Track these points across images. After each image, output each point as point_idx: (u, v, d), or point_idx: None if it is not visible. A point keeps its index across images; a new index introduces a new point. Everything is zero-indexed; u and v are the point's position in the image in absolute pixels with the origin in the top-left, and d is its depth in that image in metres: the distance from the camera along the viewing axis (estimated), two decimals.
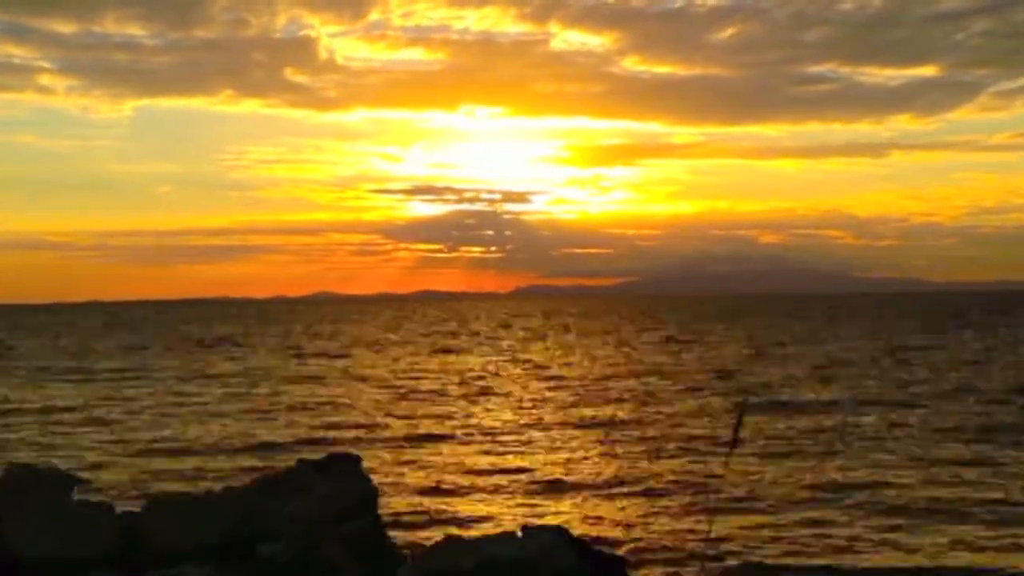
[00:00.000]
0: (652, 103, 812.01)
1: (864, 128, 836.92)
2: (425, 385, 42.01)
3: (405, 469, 21.98)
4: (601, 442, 25.84)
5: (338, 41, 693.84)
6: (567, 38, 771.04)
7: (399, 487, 19.85)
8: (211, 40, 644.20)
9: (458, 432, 27.90)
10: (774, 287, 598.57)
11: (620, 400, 35.24)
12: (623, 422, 29.58)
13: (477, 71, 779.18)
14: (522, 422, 30.19)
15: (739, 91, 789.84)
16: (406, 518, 17.19)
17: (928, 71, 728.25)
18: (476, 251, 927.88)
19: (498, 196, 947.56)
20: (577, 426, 28.96)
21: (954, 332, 78.07)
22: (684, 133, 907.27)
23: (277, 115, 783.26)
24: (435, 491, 19.63)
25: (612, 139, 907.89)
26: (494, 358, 58.15)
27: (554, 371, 48.63)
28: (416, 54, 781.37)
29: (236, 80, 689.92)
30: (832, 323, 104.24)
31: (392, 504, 17.79)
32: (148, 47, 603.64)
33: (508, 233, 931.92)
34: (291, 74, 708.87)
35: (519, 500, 19.02)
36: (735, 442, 7.71)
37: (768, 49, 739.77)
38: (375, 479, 12.91)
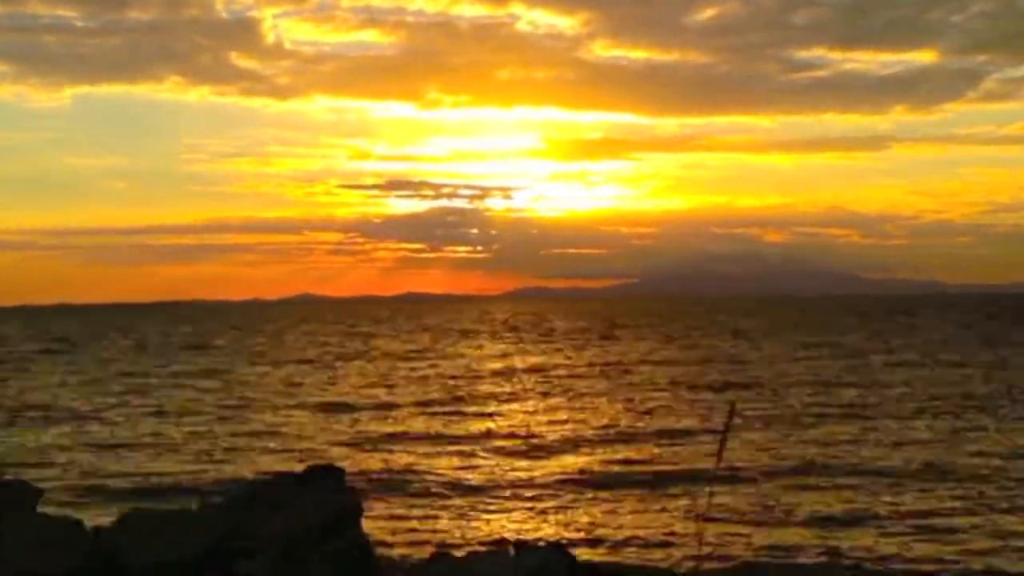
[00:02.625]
0: (629, 92, 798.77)
1: (859, 119, 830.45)
2: (412, 396, 42.01)
3: (391, 482, 21.97)
4: (593, 446, 26.15)
5: (284, 23, 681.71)
6: (532, 20, 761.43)
7: (385, 501, 19.85)
8: (148, 22, 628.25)
9: (447, 443, 27.93)
10: (781, 288, 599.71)
11: (611, 403, 35.51)
12: (615, 426, 29.91)
13: (438, 57, 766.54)
14: (513, 431, 30.25)
15: (721, 79, 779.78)
16: (392, 534, 17.20)
17: (925, 56, 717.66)
18: (461, 251, 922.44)
19: (477, 192, 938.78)
20: (568, 431, 29.15)
21: None
22: (667, 124, 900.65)
23: (230, 104, 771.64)
24: (423, 505, 19.64)
25: (592, 132, 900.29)
26: None
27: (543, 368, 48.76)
28: (369, 37, 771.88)
29: (181, 66, 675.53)
30: None
31: (378, 519, 17.79)
32: (80, 29, 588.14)
33: (494, 232, 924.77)
34: (237, 59, 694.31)
35: (510, 513, 19.09)
36: (724, 443, 7.82)
37: (750, 32, 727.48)
38: (359, 492, 12.93)
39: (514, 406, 36.79)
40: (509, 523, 18.10)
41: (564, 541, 14.45)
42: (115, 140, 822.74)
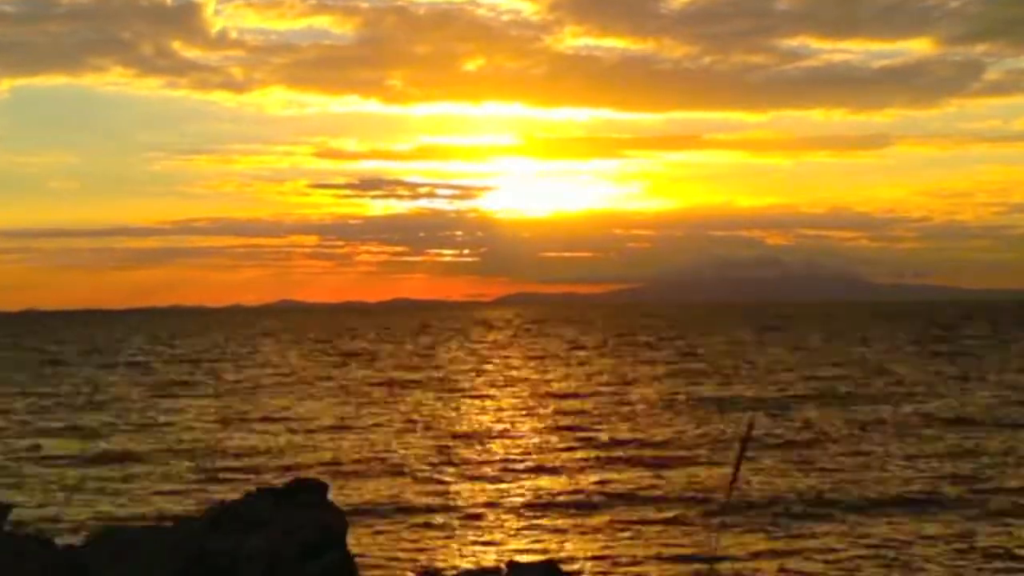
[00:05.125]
0: (606, 85, 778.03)
1: (855, 115, 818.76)
2: (401, 405, 41.98)
3: (378, 497, 21.95)
4: (597, 459, 26.12)
5: (228, 8, 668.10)
6: (493, 5, 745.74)
7: (371, 518, 19.83)
8: (81, 7, 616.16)
9: (437, 454, 27.90)
10: (792, 295, 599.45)
11: (617, 414, 35.55)
12: (620, 438, 29.87)
13: (398, 47, 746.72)
14: (508, 440, 30.30)
15: (703, 72, 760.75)
16: (379, 553, 17.19)
17: (920, 46, 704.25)
18: (447, 255, 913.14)
19: (457, 192, 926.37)
20: (570, 442, 29.14)
21: None
22: (649, 120, 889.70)
23: (183, 97, 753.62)
24: (411, 521, 19.62)
25: (572, 128, 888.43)
26: None
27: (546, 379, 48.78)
28: (320, 25, 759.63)
29: (124, 55, 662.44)
30: None
31: (364, 537, 17.78)
32: (9, 15, 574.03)
33: (480, 234, 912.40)
34: (182, 48, 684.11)
35: (505, 527, 19.09)
36: (741, 458, 7.82)
37: (730, 20, 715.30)
38: (344, 508, 12.93)
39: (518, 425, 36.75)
40: (502, 545, 18.05)
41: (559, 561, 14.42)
42: (63, 136, 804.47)
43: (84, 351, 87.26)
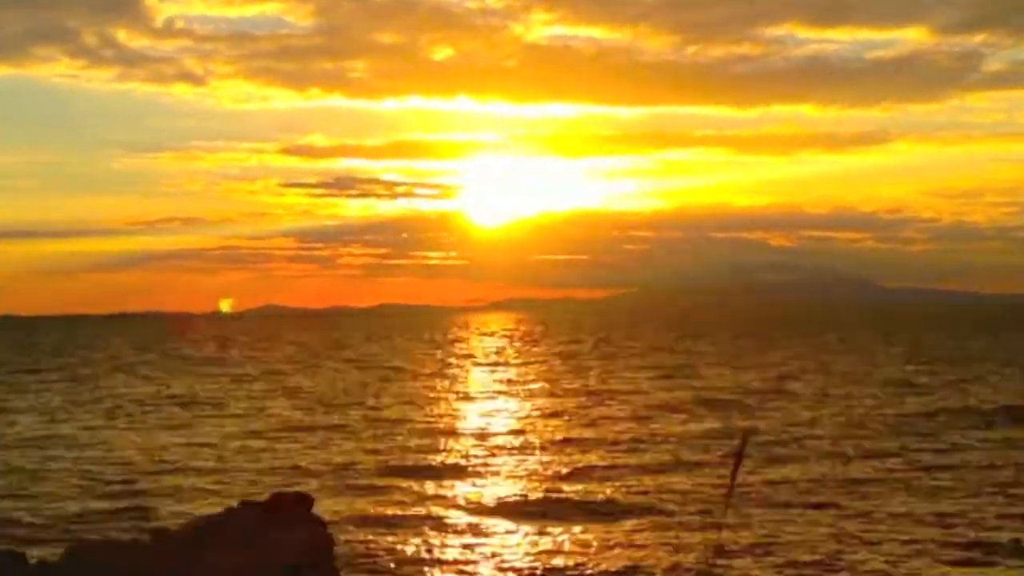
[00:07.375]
0: (582, 78, 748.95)
1: (852, 111, 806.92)
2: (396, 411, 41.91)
3: (365, 510, 21.89)
4: (594, 472, 26.11)
5: None
6: None
7: (359, 531, 19.76)
8: None
9: (433, 461, 27.88)
10: (797, 298, 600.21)
11: (615, 428, 35.49)
12: (618, 449, 29.86)
13: (357, 34, 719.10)
14: (508, 448, 30.30)
15: (686, 63, 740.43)
16: (368, 568, 17.16)
17: (914, 35, 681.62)
18: (434, 257, 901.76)
19: (436, 191, 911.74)
20: (567, 452, 29.13)
21: None
22: (634, 116, 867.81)
23: (135, 91, 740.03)
24: (403, 534, 19.56)
25: (553, 125, 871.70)
26: None
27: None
28: (273, 11, 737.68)
29: (70, 46, 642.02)
30: None
31: (352, 551, 17.73)
32: None
33: (466, 236, 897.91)
34: (127, 38, 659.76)
35: (501, 539, 19.09)
36: (735, 479, 7.82)
37: (710, 5, 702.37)
38: (330, 522, 12.89)
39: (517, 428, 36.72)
40: (497, 553, 18.05)
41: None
42: (17, 131, 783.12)
43: None
